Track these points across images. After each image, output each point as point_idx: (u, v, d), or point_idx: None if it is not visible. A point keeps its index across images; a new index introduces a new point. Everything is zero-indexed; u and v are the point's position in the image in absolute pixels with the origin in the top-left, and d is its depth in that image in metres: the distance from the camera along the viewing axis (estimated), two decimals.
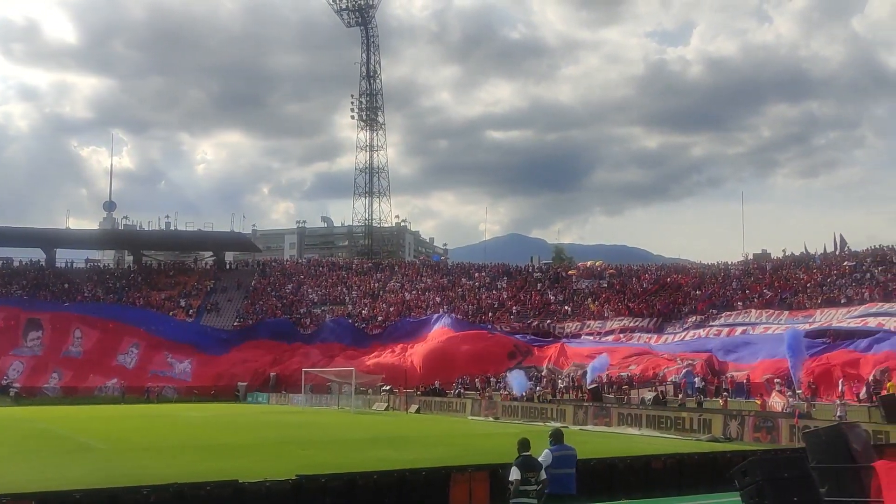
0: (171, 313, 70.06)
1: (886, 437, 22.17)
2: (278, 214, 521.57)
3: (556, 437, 11.11)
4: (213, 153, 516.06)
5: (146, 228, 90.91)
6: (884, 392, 30.29)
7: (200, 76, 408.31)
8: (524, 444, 10.57)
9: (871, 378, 33.15)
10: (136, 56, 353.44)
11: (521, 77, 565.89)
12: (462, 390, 48.43)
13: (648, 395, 35.62)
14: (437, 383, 49.88)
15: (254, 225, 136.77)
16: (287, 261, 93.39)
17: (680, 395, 36.30)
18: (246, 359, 63.44)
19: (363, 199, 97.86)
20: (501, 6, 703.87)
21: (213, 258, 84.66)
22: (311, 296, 73.95)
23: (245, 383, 61.60)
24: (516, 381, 44.40)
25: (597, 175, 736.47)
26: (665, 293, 61.43)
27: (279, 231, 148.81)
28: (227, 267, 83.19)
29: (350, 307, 70.49)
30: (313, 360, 59.97)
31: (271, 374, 61.93)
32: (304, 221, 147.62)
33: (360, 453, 22.44)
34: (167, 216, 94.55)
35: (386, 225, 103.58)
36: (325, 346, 62.62)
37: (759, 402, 32.53)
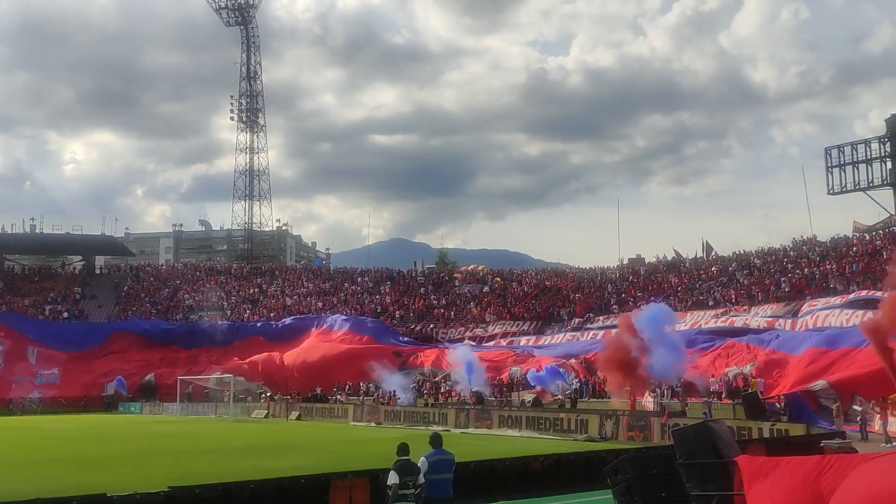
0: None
1: (749, 433, 23.33)
2: (153, 217, 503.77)
3: (434, 442, 11.11)
4: (84, 153, 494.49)
5: (9, 231, 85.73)
6: (741, 387, 32.07)
7: (70, 73, 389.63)
8: (403, 449, 10.55)
9: (729, 375, 34.99)
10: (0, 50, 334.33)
11: (404, 82, 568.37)
12: (344, 396, 48.05)
13: (529, 396, 36.29)
14: (318, 389, 49.24)
15: (127, 228, 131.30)
16: (162, 265, 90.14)
17: (558, 396, 37.14)
18: (121, 362, 60.63)
19: (243, 202, 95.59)
20: (385, 11, 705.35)
21: (83, 263, 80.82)
22: (187, 301, 71.67)
23: (112, 392, 58.60)
24: (401, 388, 44.69)
25: (480, 180, 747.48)
26: (545, 297, 62.85)
27: (154, 234, 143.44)
28: (98, 272, 79.60)
29: (229, 313, 68.72)
30: (192, 364, 58.11)
31: (148, 376, 59.16)
32: (181, 225, 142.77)
33: (238, 462, 21.85)
34: (32, 218, 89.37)
35: (266, 229, 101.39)
36: (204, 350, 60.85)
37: (629, 402, 33.47)
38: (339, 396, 47.80)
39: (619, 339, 33.73)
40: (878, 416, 26.51)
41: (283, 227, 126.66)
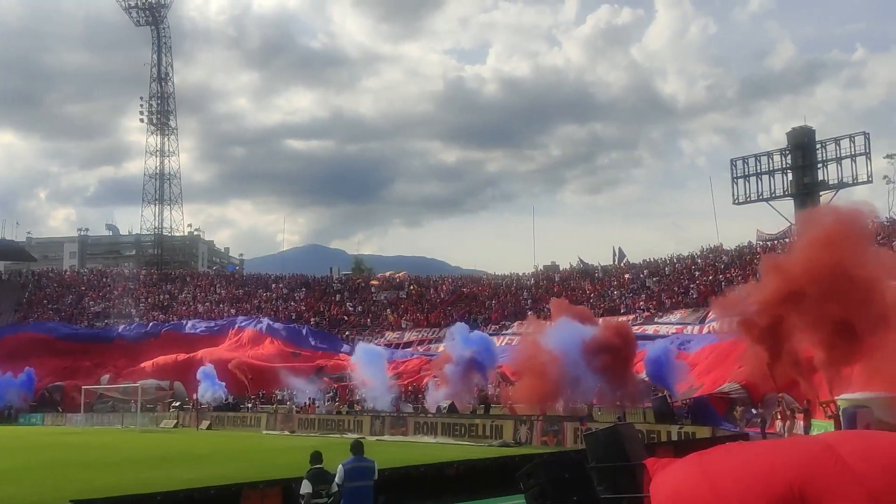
0: None
1: (658, 436, 23.91)
2: (57, 221, 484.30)
3: (355, 450, 11.01)
4: None
5: None
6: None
7: None
8: (316, 457, 10.41)
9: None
10: None
11: (321, 87, 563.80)
12: (258, 404, 47.14)
13: (444, 403, 36.33)
14: (230, 398, 48.15)
15: (29, 232, 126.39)
16: (66, 271, 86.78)
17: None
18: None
19: (153, 206, 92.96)
20: (301, 15, 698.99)
21: None
22: (93, 308, 69.27)
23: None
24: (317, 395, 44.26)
25: (397, 187, 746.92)
26: (461, 304, 63.16)
27: (58, 239, 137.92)
28: None
29: (137, 320, 66.66)
30: (97, 373, 56.08)
31: (51, 386, 56.65)
32: (87, 229, 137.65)
33: (146, 473, 21.18)
34: None
35: (177, 234, 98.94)
36: (110, 358, 58.82)
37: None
38: (250, 405, 46.82)
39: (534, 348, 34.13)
40: (780, 418, 27.45)
41: (195, 233, 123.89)
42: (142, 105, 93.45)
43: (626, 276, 56.61)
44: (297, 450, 25.34)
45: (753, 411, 27.97)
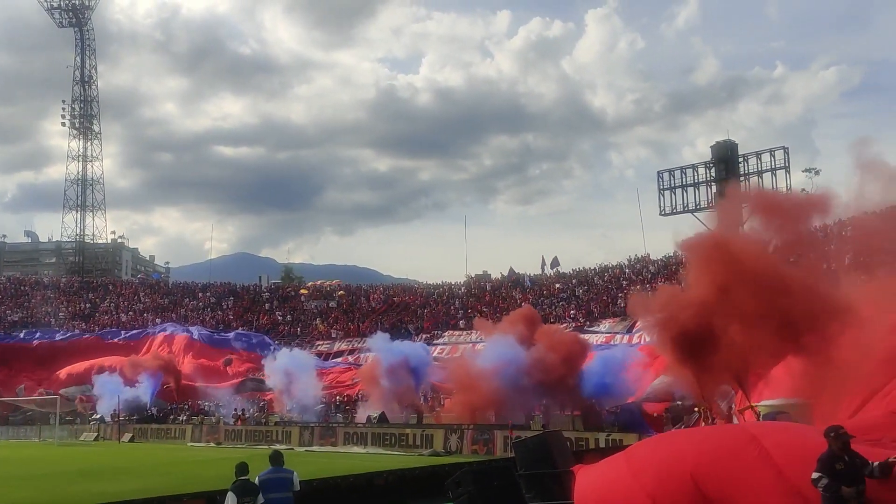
0: None
1: (586, 444, 24.17)
2: None
3: (273, 460, 10.83)
4: None
5: None
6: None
7: None
8: (242, 469, 10.23)
9: None
10: None
11: (251, 93, 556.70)
12: (184, 416, 46.00)
13: (374, 413, 36.09)
14: (154, 409, 46.86)
15: None
16: None
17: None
18: None
19: (75, 212, 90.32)
20: (231, 20, 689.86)
21: None
22: (11, 317, 66.72)
23: None
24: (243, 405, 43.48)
25: (328, 195, 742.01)
26: (393, 312, 62.98)
27: None
28: None
29: (58, 330, 64.45)
30: (13, 383, 53.99)
31: None
32: (5, 236, 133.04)
33: (67, 488, 20.47)
34: None
35: (100, 241, 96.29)
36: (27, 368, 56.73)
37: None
38: (182, 417, 45.61)
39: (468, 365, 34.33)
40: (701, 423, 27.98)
41: (119, 240, 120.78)
42: (64, 109, 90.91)
43: (556, 285, 57.29)
44: (223, 462, 24.83)
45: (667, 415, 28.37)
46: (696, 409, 23.56)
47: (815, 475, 8.26)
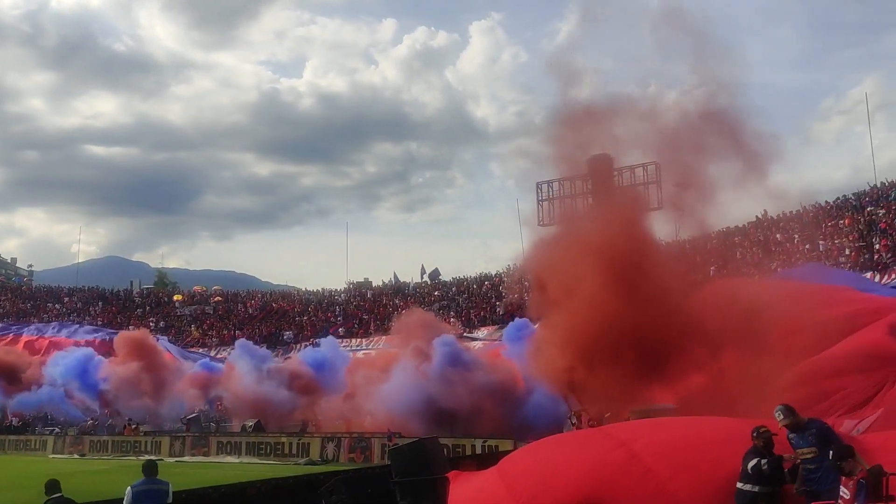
0: None
1: (463, 450, 24.38)
2: None
3: (146, 471, 10.42)
4: None
5: None
6: None
7: None
8: (51, 486, 9.84)
9: None
10: None
11: (126, 91, 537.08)
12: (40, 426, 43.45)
13: (250, 421, 35.25)
14: (12, 419, 44.09)
15: None
16: None
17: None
18: None
19: None
20: (105, 15, 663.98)
21: None
22: None
23: None
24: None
25: (206, 199, 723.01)
26: (271, 319, 61.82)
27: None
28: None
29: None
30: None
31: None
32: None
33: None
34: None
35: None
36: None
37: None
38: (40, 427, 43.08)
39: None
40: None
41: None
42: None
43: (436, 293, 57.70)
44: (87, 474, 23.66)
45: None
46: (570, 417, 24.14)
47: (750, 464, 8.62)
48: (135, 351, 43.69)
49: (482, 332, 47.20)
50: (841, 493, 7.77)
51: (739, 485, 8.64)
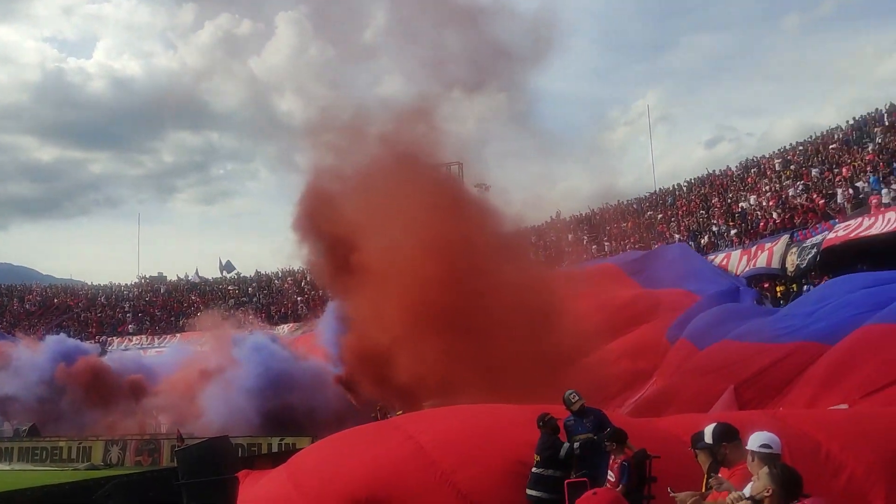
0: None
1: (259, 449, 23.72)
2: None
3: None
4: None
5: None
6: None
7: None
8: None
9: None
10: None
11: None
12: None
13: (23, 426, 32.51)
14: None
15: None
16: None
17: None
18: None
19: None
20: None
21: None
22: None
23: None
24: None
25: None
26: (51, 315, 57.43)
27: None
28: None
29: None
30: None
31: None
32: None
33: None
34: None
35: None
36: None
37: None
38: None
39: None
40: None
41: None
42: None
43: (230, 287, 56.18)
44: None
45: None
46: (375, 413, 24.20)
47: (563, 450, 8.78)
48: None
49: (283, 329, 46.31)
50: (608, 476, 8.21)
51: (541, 471, 8.75)
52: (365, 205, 20.59)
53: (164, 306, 55.50)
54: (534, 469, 8.83)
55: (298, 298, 50.73)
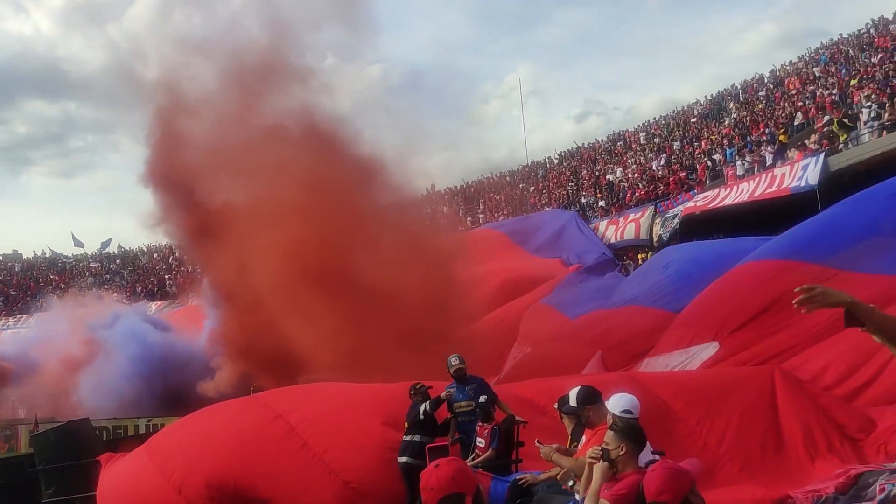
0: None
1: (125, 431, 22.81)
2: None
3: None
4: None
5: None
6: None
7: None
8: None
9: None
10: None
11: None
12: None
13: None
14: None
15: None
16: None
17: None
18: None
19: None
20: None
21: None
22: None
23: None
24: None
25: None
26: None
27: None
28: None
29: None
30: None
31: None
32: None
33: None
34: None
35: None
36: None
37: None
38: None
39: None
40: None
41: None
42: None
43: (92, 264, 53.72)
44: None
45: None
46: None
47: (420, 410, 8.67)
48: None
49: (151, 308, 44.62)
50: (477, 442, 8.34)
51: (410, 438, 8.73)
52: (224, 146, 19.38)
53: (19, 286, 52.42)
54: (404, 436, 8.83)
55: (167, 276, 48.99)
